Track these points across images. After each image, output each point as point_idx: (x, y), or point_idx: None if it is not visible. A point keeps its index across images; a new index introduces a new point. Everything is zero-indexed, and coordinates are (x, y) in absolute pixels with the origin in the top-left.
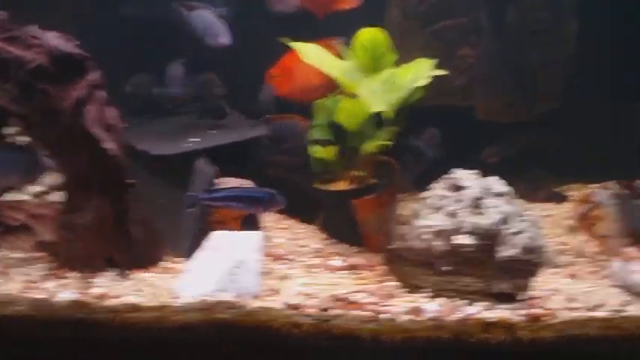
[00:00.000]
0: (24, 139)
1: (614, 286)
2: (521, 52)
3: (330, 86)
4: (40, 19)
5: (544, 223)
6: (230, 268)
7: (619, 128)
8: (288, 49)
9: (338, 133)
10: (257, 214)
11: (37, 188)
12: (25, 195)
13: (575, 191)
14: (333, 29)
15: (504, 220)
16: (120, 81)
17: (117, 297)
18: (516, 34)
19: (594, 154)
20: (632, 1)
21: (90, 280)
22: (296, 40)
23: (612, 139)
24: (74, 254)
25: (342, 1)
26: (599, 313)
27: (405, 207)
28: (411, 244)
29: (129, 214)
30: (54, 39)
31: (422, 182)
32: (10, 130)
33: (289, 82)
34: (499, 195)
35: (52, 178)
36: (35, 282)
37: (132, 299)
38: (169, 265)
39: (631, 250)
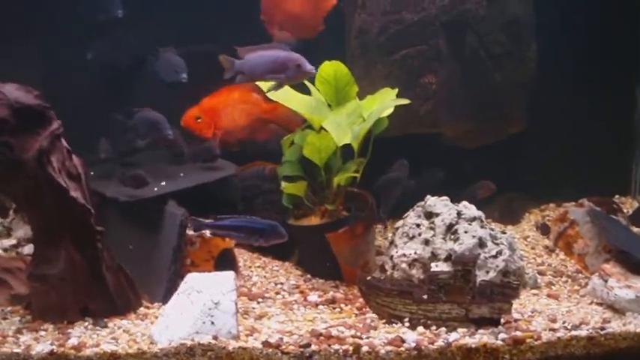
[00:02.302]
0: None
1: (595, 303)
2: (483, 76)
3: (256, 125)
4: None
5: (521, 244)
6: (206, 310)
7: (586, 146)
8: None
9: (308, 168)
10: (259, 245)
11: (7, 242)
12: None
13: (551, 211)
14: None
15: (480, 245)
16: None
17: (94, 346)
18: (476, 58)
19: (566, 174)
20: (589, 21)
21: (66, 330)
22: None
23: (581, 157)
24: (48, 306)
25: (322, 8)
26: (581, 332)
27: (380, 237)
28: (388, 274)
29: (101, 262)
30: (14, 91)
31: (396, 212)
32: None
33: (212, 123)
34: (472, 219)
35: (23, 231)
36: (8, 336)
37: (110, 347)
38: (146, 310)
39: (609, 267)
